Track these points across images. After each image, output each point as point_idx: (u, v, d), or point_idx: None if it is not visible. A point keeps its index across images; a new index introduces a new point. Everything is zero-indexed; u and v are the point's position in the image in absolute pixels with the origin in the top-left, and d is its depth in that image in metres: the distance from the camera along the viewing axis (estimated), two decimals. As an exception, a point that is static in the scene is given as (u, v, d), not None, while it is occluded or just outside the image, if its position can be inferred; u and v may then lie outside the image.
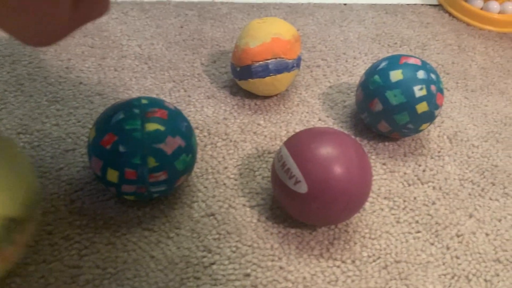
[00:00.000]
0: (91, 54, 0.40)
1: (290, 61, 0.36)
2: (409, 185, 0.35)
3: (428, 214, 0.33)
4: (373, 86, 0.35)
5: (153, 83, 0.39)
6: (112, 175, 0.27)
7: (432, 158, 0.37)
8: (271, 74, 0.36)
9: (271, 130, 0.37)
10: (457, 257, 0.31)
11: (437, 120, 0.41)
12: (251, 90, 0.38)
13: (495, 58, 0.49)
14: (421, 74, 0.34)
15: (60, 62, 0.39)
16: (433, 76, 0.35)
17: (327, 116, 0.39)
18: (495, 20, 0.53)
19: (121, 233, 0.29)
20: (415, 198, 0.34)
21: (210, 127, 0.36)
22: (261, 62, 0.35)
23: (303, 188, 0.27)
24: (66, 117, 0.35)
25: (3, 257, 0.22)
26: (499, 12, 0.54)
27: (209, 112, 0.37)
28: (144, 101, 0.28)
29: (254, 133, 0.36)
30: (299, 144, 0.29)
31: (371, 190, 0.34)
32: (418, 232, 0.32)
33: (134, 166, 0.26)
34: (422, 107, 0.34)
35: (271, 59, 0.35)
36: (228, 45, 0.44)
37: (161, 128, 0.27)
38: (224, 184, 0.33)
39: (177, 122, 0.28)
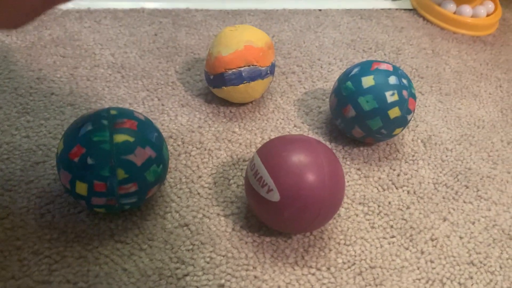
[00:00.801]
0: (63, 63, 0.40)
1: (264, 68, 0.36)
2: (384, 190, 0.35)
3: (403, 219, 0.33)
4: (345, 93, 0.35)
5: (126, 92, 0.38)
6: (81, 188, 0.26)
7: (406, 162, 0.38)
8: (245, 82, 0.36)
9: (246, 138, 0.37)
10: (432, 261, 0.31)
11: (411, 124, 0.41)
12: (225, 97, 0.38)
13: (468, 62, 0.50)
14: (392, 79, 0.34)
15: (31, 72, 0.38)
16: (404, 81, 0.35)
17: (302, 123, 0.39)
18: (468, 24, 0.54)
19: (93, 246, 0.28)
20: (389, 203, 0.34)
21: (184, 136, 0.36)
22: (234, 70, 0.35)
23: (275, 196, 0.27)
24: (36, 129, 0.34)
25: None
26: (472, 16, 0.55)
27: (183, 121, 0.37)
28: (113, 112, 0.28)
29: (229, 141, 0.36)
30: (271, 152, 0.28)
31: (346, 196, 0.34)
32: (393, 237, 0.32)
33: (103, 178, 0.26)
34: (394, 112, 0.34)
35: (244, 66, 0.35)
36: (202, 53, 0.44)
37: (130, 139, 0.27)
38: (198, 193, 0.32)
39: (147, 133, 0.28)
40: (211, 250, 0.29)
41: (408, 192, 0.35)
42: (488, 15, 0.56)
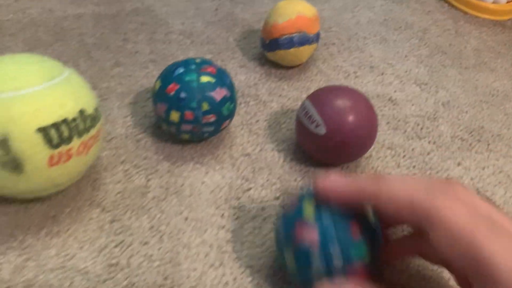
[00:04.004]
0: (142, 29, 0.48)
1: (311, 35, 0.43)
2: (409, 139, 0.42)
3: (424, 162, 0.41)
4: None
5: (195, 54, 0.46)
6: (175, 116, 0.34)
7: (428, 119, 0.44)
8: (295, 46, 0.43)
9: (293, 94, 0.44)
10: (446, 194, 0.38)
11: (432, 89, 0.48)
12: (277, 60, 0.45)
13: (488, 42, 0.57)
14: None
15: (117, 35, 0.47)
16: None
17: (335, 84, 0.46)
18: (489, 9, 0.60)
19: (178, 165, 0.36)
20: (413, 149, 0.41)
21: (243, 90, 0.44)
22: (287, 36, 0.43)
23: (322, 130, 0.35)
24: (127, 78, 0.42)
25: (84, 146, 0.29)
26: (493, 2, 0.61)
27: (242, 78, 0.45)
28: (197, 60, 0.36)
29: (280, 95, 0.44)
30: (320, 96, 0.36)
31: (377, 141, 0.41)
32: (414, 174, 0.39)
33: (192, 109, 0.34)
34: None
35: (295, 33, 0.43)
36: (256, 25, 0.51)
37: (212, 80, 0.35)
38: (256, 133, 0.40)
39: (223, 77, 0.36)
40: (268, 173, 0.37)
41: (429, 142, 0.42)
42: (508, 2, 0.62)
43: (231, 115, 0.36)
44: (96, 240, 0.31)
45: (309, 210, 0.26)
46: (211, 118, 0.35)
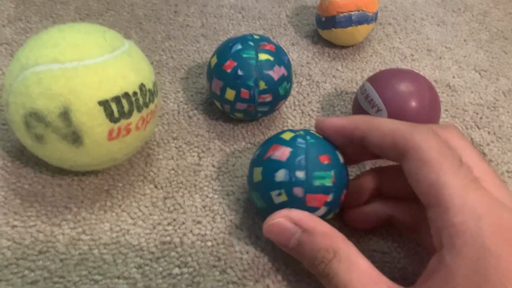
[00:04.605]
0: (193, 2, 0.47)
1: (370, 14, 0.41)
2: (467, 128, 0.40)
3: (483, 153, 0.39)
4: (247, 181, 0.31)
5: (247, 30, 0.45)
6: (230, 94, 0.33)
7: (488, 108, 0.42)
8: (353, 25, 0.41)
9: (348, 75, 0.43)
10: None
11: (492, 77, 0.45)
12: (331, 39, 0.43)
13: (553, 28, 0.53)
14: (281, 174, 0.26)
15: (168, 6, 0.46)
16: (300, 174, 0.25)
17: (397, 67, 0.44)
18: (556, -7, 0.56)
19: (229, 144, 0.35)
20: (472, 139, 0.39)
21: (295, 69, 0.42)
22: (345, 13, 0.41)
23: (383, 115, 0.33)
24: (178, 52, 0.41)
25: (143, 121, 0.28)
26: (561, -15, 0.57)
27: (294, 57, 0.43)
28: (256, 36, 0.34)
29: (333, 76, 0.42)
30: (382, 79, 0.34)
31: (434, 129, 0.39)
32: (474, 165, 0.38)
33: (248, 87, 0.33)
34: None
35: (354, 11, 0.41)
36: (309, 1, 0.49)
37: (271, 58, 0.33)
38: (309, 115, 0.39)
39: (281, 55, 0.34)
40: (321, 158, 0.36)
41: (489, 132, 0.40)
42: None
43: (286, 95, 0.35)
44: (149, 217, 0.30)
45: (287, 135, 0.28)
46: (267, 97, 0.34)
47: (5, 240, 0.28)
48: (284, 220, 0.26)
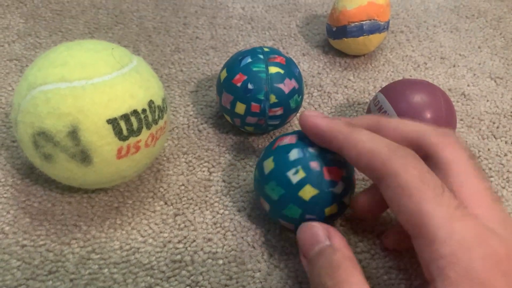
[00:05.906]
0: (203, 13, 0.46)
1: (382, 23, 0.41)
2: (484, 138, 0.39)
3: (501, 163, 0.38)
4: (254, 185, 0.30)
5: (256, 41, 0.45)
6: (240, 108, 0.33)
7: (505, 117, 0.41)
8: (365, 34, 0.40)
9: (360, 85, 0.42)
10: (526, 200, 0.35)
11: (509, 84, 0.44)
12: (343, 49, 0.43)
13: None
14: (294, 154, 0.26)
15: (178, 18, 0.45)
16: (312, 150, 0.26)
17: (410, 76, 0.43)
18: None
19: (240, 158, 0.35)
20: (488, 149, 0.38)
21: (306, 79, 0.42)
22: (356, 23, 0.40)
23: (397, 127, 0.32)
24: (187, 65, 0.41)
25: (152, 138, 0.28)
26: None
27: (305, 67, 0.43)
28: (266, 49, 0.34)
29: (345, 86, 0.42)
30: (395, 91, 0.34)
31: (450, 140, 0.38)
32: (491, 177, 0.37)
33: (259, 101, 0.32)
34: (307, 192, 0.26)
35: (366, 20, 0.40)
36: (319, 10, 0.49)
37: (281, 71, 0.33)
38: (321, 127, 0.38)
39: (292, 68, 0.34)
40: (334, 171, 0.35)
41: (506, 142, 0.39)
42: None
43: (297, 108, 0.35)
44: (159, 234, 0.30)
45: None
46: (278, 111, 0.33)
47: (14, 260, 0.28)
48: (321, 227, 0.25)
